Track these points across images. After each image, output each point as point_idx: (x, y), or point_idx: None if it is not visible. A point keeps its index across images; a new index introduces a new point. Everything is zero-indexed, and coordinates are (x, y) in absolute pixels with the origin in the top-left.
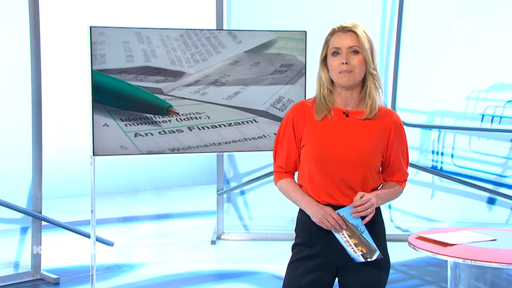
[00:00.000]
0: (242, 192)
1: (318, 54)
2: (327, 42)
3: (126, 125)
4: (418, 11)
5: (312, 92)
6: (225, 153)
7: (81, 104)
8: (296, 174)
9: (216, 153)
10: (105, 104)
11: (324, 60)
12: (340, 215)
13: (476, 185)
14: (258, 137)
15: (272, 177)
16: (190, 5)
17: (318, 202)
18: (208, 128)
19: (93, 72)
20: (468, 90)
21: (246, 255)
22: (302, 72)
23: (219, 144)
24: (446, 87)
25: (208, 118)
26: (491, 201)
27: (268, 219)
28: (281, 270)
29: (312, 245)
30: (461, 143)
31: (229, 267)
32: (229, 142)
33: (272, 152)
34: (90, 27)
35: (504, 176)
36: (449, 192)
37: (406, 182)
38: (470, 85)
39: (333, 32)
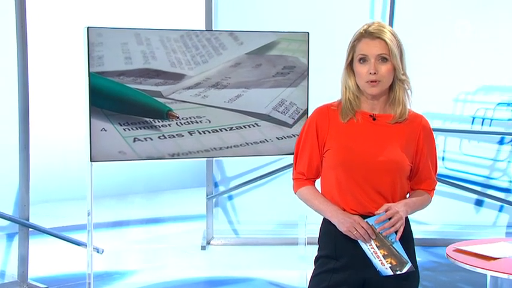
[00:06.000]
0: (230, 197)
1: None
2: (353, 48)
3: (124, 129)
4: (407, 14)
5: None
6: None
7: (73, 108)
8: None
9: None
10: (103, 108)
11: (350, 65)
12: (369, 224)
13: (466, 187)
14: (260, 142)
15: (259, 181)
16: (178, 6)
17: (345, 210)
18: (209, 132)
19: (91, 75)
20: (456, 93)
21: (238, 260)
22: (305, 74)
23: (220, 149)
24: (434, 89)
25: (209, 122)
26: (478, 203)
27: (256, 223)
28: (276, 276)
29: (338, 257)
30: (452, 145)
31: (223, 274)
32: (231, 147)
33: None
34: (88, 27)
35: (492, 178)
36: (438, 194)
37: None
38: (457, 87)
39: (360, 37)
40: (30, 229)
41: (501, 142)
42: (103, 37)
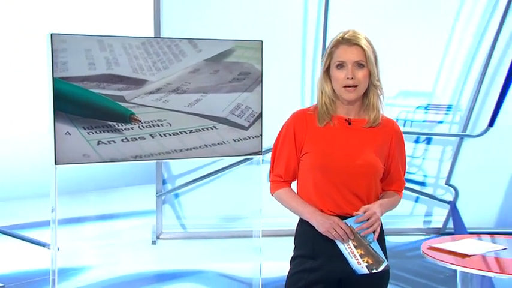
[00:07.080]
0: (176, 194)
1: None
2: (330, 54)
3: (88, 133)
4: (336, 22)
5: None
6: None
7: (31, 109)
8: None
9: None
10: (67, 112)
11: (327, 71)
12: (347, 225)
13: None
14: (218, 143)
15: (206, 179)
16: (127, 13)
17: (322, 211)
18: (170, 135)
19: (55, 80)
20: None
21: (187, 254)
22: (259, 80)
23: (181, 151)
24: None
25: (170, 125)
26: None
27: (203, 218)
28: (226, 268)
29: (315, 257)
30: None
31: (174, 267)
32: (190, 149)
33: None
34: (51, 34)
35: (409, 173)
36: None
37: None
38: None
39: (338, 44)
40: None
41: (417, 141)
42: (67, 43)
